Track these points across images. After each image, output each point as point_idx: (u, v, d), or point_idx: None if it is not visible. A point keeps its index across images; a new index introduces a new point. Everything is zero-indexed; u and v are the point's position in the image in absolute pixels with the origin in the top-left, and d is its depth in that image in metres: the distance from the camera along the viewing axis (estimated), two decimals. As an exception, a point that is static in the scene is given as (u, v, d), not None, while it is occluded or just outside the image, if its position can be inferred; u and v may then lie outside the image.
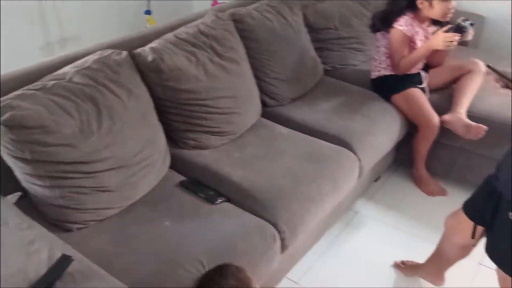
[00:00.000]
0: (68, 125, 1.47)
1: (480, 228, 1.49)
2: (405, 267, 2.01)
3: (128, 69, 1.73)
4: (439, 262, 1.87)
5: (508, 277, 1.47)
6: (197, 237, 1.52)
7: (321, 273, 2.01)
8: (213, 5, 3.44)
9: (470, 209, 1.56)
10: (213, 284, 1.32)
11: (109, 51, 1.74)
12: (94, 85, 1.60)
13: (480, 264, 2.02)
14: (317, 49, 2.56)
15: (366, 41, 2.66)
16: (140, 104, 1.71)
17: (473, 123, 2.17)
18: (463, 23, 2.08)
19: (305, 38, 2.45)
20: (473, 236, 1.51)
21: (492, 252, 1.45)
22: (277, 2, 2.38)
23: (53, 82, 1.56)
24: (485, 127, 2.14)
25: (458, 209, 1.61)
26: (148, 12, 3.70)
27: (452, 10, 2.18)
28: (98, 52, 1.73)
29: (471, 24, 2.09)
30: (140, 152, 1.66)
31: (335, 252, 2.12)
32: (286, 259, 1.81)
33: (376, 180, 2.53)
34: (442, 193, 2.41)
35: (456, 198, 1.97)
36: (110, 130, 1.56)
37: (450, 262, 1.83)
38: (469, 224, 1.53)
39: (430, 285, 1.94)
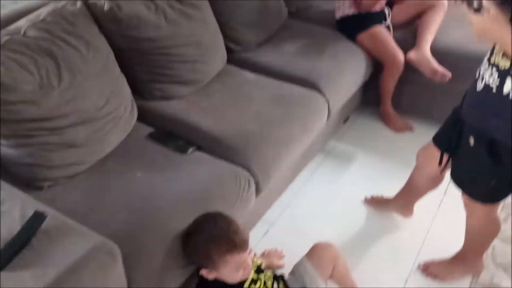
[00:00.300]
0: (27, 81, 1.42)
1: (446, 156, 1.55)
2: (375, 202, 2.08)
3: (84, 19, 1.66)
4: (409, 194, 1.94)
5: (472, 201, 1.55)
6: (171, 186, 1.52)
7: (296, 213, 2.07)
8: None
9: (437, 138, 1.62)
10: (205, 227, 1.36)
11: (63, 2, 1.66)
12: (51, 38, 1.53)
13: (445, 194, 2.11)
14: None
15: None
16: (100, 56, 1.65)
17: (440, 69, 2.20)
18: None
19: (267, -20, 2.39)
20: (440, 163, 1.56)
21: (456, 177, 1.51)
22: None
23: (7, 37, 1.48)
24: (449, 74, 2.18)
25: (429, 142, 1.66)
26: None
27: None
28: (52, 4, 1.65)
29: None
30: (105, 105, 1.62)
31: (308, 192, 2.17)
32: (261, 202, 1.85)
33: (345, 121, 2.57)
34: (409, 129, 2.47)
35: (423, 133, 2.03)
36: (71, 84, 1.51)
37: (421, 194, 1.91)
38: (438, 154, 1.58)
39: (397, 218, 2.02)
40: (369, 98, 2.58)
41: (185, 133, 1.76)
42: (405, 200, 1.96)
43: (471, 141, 1.38)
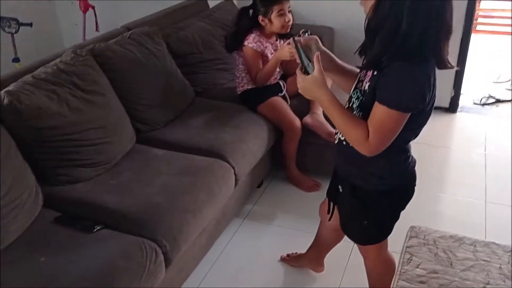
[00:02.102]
0: None
1: (331, 205, 1.69)
2: (290, 259, 2.17)
3: (-18, 114, 1.72)
4: (318, 249, 2.05)
5: (366, 247, 1.68)
6: (75, 266, 1.53)
7: (215, 282, 2.10)
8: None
9: (328, 191, 1.76)
10: None
11: (-40, 99, 1.72)
12: None
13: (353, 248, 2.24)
14: (185, 73, 2.70)
15: (230, 61, 2.86)
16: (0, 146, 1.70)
17: (333, 130, 2.42)
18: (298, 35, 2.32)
19: (170, 64, 2.58)
20: (328, 211, 1.70)
21: (340, 223, 1.64)
22: (137, 34, 2.49)
23: None
24: None
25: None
26: (16, 59, 3.62)
27: (289, 23, 2.45)
28: (-51, 101, 1.71)
29: (308, 34, 2.36)
30: (7, 194, 1.65)
31: (227, 259, 2.22)
32: (176, 273, 1.88)
33: (259, 186, 2.70)
34: (317, 187, 2.64)
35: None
36: (-32, 176, 1.54)
37: (328, 247, 2.02)
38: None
39: (313, 273, 2.11)
40: (280, 163, 2.75)
41: (92, 213, 1.79)
42: (315, 254, 2.07)
43: (340, 188, 1.54)
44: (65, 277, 1.48)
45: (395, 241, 2.23)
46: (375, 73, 1.33)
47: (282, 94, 2.62)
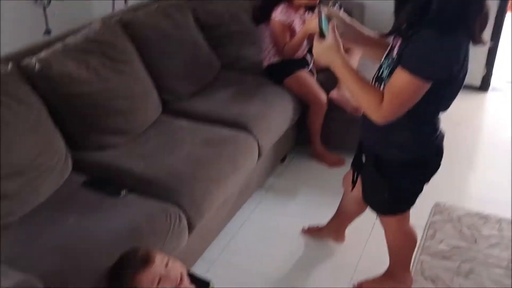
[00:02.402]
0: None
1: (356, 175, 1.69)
2: (311, 231, 2.18)
3: (15, 80, 1.77)
4: (339, 220, 2.06)
5: (386, 218, 1.68)
6: (101, 227, 1.58)
7: (236, 251, 2.13)
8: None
9: (352, 162, 1.76)
10: (122, 273, 1.40)
11: (-6, 65, 1.77)
12: (-18, 98, 1.63)
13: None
14: (212, 46, 2.70)
15: (257, 34, 2.84)
16: (31, 112, 1.75)
17: None
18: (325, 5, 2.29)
19: (197, 36, 2.59)
20: (352, 182, 1.70)
21: (363, 195, 1.64)
22: (165, 5, 2.50)
23: None
24: None
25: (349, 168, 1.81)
26: (48, 32, 3.69)
27: None
28: (-16, 67, 1.76)
29: (338, 6, 2.32)
30: (38, 158, 1.70)
31: (249, 228, 2.25)
32: (198, 241, 1.92)
33: (282, 160, 2.71)
34: (341, 162, 2.63)
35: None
36: (2, 137, 1.60)
37: (349, 218, 2.03)
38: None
39: (333, 245, 2.12)
40: (304, 138, 2.74)
41: (119, 178, 1.84)
42: (336, 226, 2.07)
43: (364, 158, 1.53)
44: (93, 238, 1.53)
45: (419, 217, 2.23)
46: (403, 41, 1.31)
47: (309, 68, 2.60)
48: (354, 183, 1.69)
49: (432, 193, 2.35)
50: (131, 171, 1.87)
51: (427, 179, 1.54)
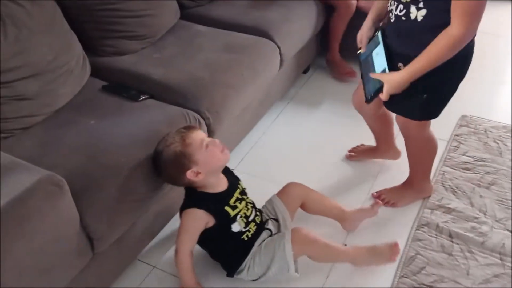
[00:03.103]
0: (-30, 36, 1.47)
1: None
2: (359, 153, 2.09)
3: (27, -22, 1.70)
4: (382, 138, 1.99)
5: (408, 122, 1.63)
6: (122, 129, 1.58)
7: (253, 162, 2.13)
8: None
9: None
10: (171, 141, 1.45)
11: (5, -38, 1.69)
12: (-7, -3, 1.58)
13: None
14: None
15: None
16: (46, 11, 1.69)
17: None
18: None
19: None
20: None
21: (389, 103, 1.56)
22: None
23: None
24: None
25: (358, 85, 1.74)
26: None
27: None
28: (-6, -35, 1.69)
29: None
30: (55, 59, 1.67)
31: (267, 140, 2.24)
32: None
33: (305, 71, 2.63)
34: (352, 74, 2.52)
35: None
36: (17, 38, 1.56)
37: (387, 132, 1.95)
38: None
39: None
40: (327, 47, 2.63)
41: (137, 83, 1.81)
42: (384, 144, 2.00)
43: (400, 66, 1.46)
44: (114, 139, 1.54)
45: (444, 130, 2.17)
46: None
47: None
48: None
49: (460, 106, 2.29)
50: (150, 77, 1.84)
51: (463, 76, 1.49)
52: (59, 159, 1.46)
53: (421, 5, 1.35)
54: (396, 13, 1.43)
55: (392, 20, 1.46)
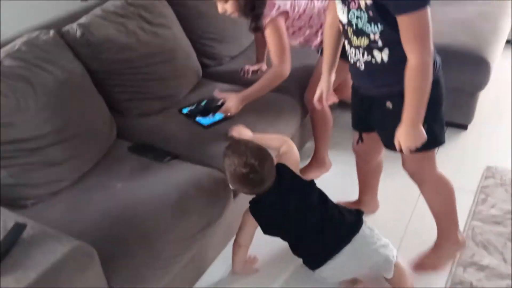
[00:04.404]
0: (3, 104, 1.51)
1: (363, 134, 1.72)
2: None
3: (57, 46, 1.76)
4: (367, 190, 2.01)
5: (417, 162, 1.62)
6: (149, 192, 1.59)
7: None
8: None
9: (355, 124, 1.74)
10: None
11: (37, 32, 1.76)
12: (25, 66, 1.63)
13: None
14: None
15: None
16: (74, 79, 1.75)
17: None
18: None
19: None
20: (358, 142, 1.75)
21: (390, 144, 1.54)
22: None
23: (-18, 69, 1.58)
24: None
25: (354, 133, 1.78)
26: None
27: None
28: (26, 35, 1.76)
29: None
30: (82, 124, 1.71)
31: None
32: (243, 205, 1.91)
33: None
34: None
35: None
36: (47, 105, 1.61)
37: (374, 183, 2.00)
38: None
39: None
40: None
41: (163, 143, 1.84)
42: (368, 196, 2.02)
43: (389, 105, 1.50)
44: (141, 202, 1.54)
45: (470, 182, 2.14)
46: None
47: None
48: (360, 141, 1.73)
49: (483, 157, 2.27)
50: (175, 136, 1.87)
51: (443, 96, 1.51)
52: (88, 225, 1.47)
53: (380, 44, 1.39)
54: (364, 59, 1.46)
55: (362, 68, 1.48)
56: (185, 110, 1.99)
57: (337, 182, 2.15)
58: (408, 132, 1.42)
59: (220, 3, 1.85)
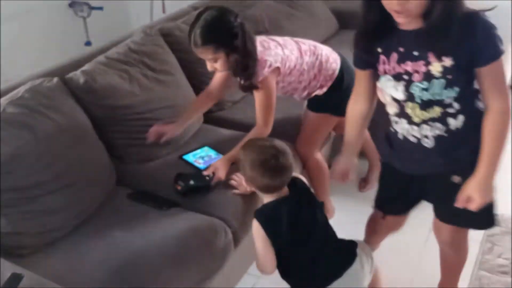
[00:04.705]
0: (3, 153, 1.50)
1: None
2: None
3: (60, 93, 1.78)
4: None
5: (460, 230, 1.56)
6: (148, 241, 1.57)
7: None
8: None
9: (380, 205, 1.66)
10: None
11: (40, 80, 1.78)
12: (28, 113, 1.63)
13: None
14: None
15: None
16: (77, 125, 1.75)
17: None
18: None
19: (237, 44, 2.54)
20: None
21: (449, 218, 1.50)
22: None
23: (-16, 116, 1.59)
24: None
25: (374, 215, 1.71)
26: (88, 43, 3.75)
27: None
28: (29, 82, 1.77)
29: None
30: (83, 172, 1.70)
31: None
32: (244, 254, 1.87)
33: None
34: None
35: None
36: (47, 152, 1.60)
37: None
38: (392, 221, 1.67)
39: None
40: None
41: (163, 191, 1.82)
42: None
43: (456, 179, 1.38)
44: (140, 253, 1.51)
45: (475, 231, 2.10)
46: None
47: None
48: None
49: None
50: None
51: None
52: (84, 277, 1.44)
53: (456, 107, 1.29)
54: (436, 133, 1.34)
55: (432, 145, 1.36)
56: (185, 157, 1.98)
57: (341, 228, 2.11)
58: (483, 184, 1.29)
59: (209, 62, 1.82)
